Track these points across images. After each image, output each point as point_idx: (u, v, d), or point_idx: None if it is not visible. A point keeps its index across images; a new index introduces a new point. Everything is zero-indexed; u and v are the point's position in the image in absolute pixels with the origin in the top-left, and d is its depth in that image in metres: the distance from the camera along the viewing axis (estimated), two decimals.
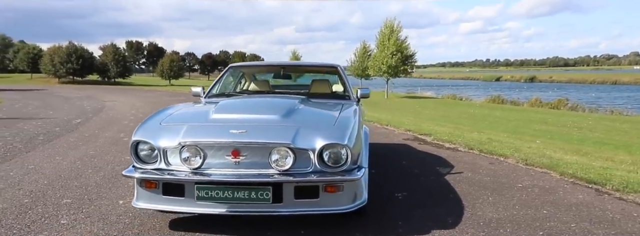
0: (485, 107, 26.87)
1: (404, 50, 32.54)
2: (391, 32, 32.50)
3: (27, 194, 3.73)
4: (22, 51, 47.33)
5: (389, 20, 32.99)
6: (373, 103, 24.05)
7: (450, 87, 61.95)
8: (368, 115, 10.92)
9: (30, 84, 36.14)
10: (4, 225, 2.99)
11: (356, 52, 42.77)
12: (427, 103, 28.37)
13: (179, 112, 3.27)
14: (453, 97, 37.92)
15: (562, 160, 5.21)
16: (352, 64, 42.74)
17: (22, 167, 4.80)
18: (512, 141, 7.07)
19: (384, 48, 32.27)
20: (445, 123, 11.17)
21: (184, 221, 3.06)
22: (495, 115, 20.21)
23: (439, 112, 20.52)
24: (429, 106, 26.13)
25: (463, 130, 8.52)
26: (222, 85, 4.52)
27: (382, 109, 18.95)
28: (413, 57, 34.09)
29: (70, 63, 39.37)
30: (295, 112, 3.15)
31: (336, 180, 2.71)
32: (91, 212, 3.26)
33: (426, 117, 16.30)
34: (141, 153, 2.82)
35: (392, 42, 32.09)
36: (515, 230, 2.94)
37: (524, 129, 12.87)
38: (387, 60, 31.62)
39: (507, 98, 34.15)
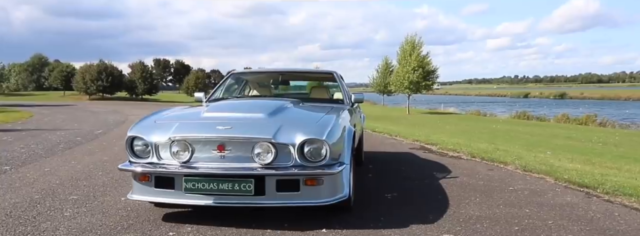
0: (509, 123, 26.46)
1: (425, 65, 32.55)
2: (412, 48, 32.60)
3: (39, 191, 4.00)
4: (57, 70, 49.44)
5: (410, 36, 33.17)
6: (394, 119, 24.06)
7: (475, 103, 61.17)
8: (380, 127, 11.03)
9: (62, 100, 37.62)
10: (12, 216, 3.24)
11: (378, 68, 43.06)
12: (449, 118, 28.15)
13: (175, 113, 3.50)
14: (477, 113, 37.47)
15: (562, 167, 5.21)
16: (374, 80, 42.97)
17: (39, 169, 5.11)
18: (520, 151, 7.06)
19: (405, 64, 32.34)
20: (460, 136, 11.14)
21: (177, 215, 3.25)
22: (518, 130, 19.90)
23: (459, 127, 20.34)
24: (451, 121, 25.90)
25: (473, 141, 8.52)
26: (225, 92, 4.76)
27: (399, 123, 18.95)
28: (435, 73, 34.01)
29: (100, 80, 40.86)
30: (282, 112, 3.34)
31: (315, 174, 2.86)
32: (93, 207, 3.49)
33: (443, 131, 16.22)
34: (136, 148, 3.04)
35: (414, 57, 32.15)
36: (491, 225, 3.02)
37: (545, 143, 12.67)
38: (408, 75, 31.65)
39: (534, 115, 33.48)
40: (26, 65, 67.77)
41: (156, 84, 50.13)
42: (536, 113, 34.48)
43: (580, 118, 28.58)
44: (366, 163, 5.57)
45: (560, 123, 27.89)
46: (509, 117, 32.95)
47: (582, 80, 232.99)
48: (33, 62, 67.31)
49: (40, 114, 17.11)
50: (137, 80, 44.65)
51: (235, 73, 4.96)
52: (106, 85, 41.40)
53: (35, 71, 65.32)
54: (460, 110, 40.84)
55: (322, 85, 4.89)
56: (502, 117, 33.50)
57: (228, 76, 4.90)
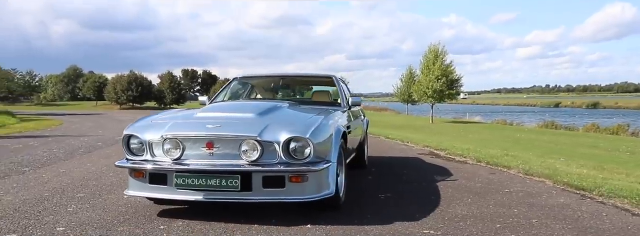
0: (535, 132, 25.84)
1: (449, 74, 32.26)
2: (436, 56, 32.38)
3: (50, 190, 4.23)
4: (90, 80, 51.28)
5: (434, 45, 32.98)
6: (416, 128, 23.88)
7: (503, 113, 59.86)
8: (394, 134, 11.03)
9: (94, 110, 38.93)
10: (19, 211, 3.45)
11: (403, 77, 42.86)
12: (472, 128, 27.73)
13: (172, 114, 3.67)
14: (503, 122, 36.73)
15: (566, 172, 5.15)
16: (398, 90, 42.77)
17: (56, 171, 5.38)
18: (531, 158, 6.98)
19: (428, 73, 32.13)
20: (478, 144, 11.03)
21: (171, 211, 3.40)
22: (543, 139, 19.45)
23: (481, 136, 20.05)
24: (474, 130, 25.50)
25: (486, 148, 8.45)
26: (230, 96, 4.93)
27: (421, 132, 18.82)
28: (459, 82, 33.64)
29: (131, 91, 42.14)
30: (273, 112, 3.46)
31: (300, 171, 2.97)
32: (97, 204, 3.68)
33: (464, 139, 16.03)
34: (132, 146, 3.22)
35: (438, 66, 31.89)
36: (474, 223, 3.05)
37: (566, 152, 12.39)
38: (432, 85, 31.41)
39: (563, 124, 32.57)
40: (62, 76, 70.53)
41: (184, 94, 51.30)
42: (565, 123, 33.54)
43: (611, 128, 27.63)
44: (370, 167, 5.63)
45: (589, 133, 27.06)
46: (536, 127, 32.17)
47: (617, 89, 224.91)
48: (69, 74, 70.02)
49: (70, 122, 17.80)
50: (165, 90, 45.83)
51: (239, 78, 5.14)
52: (136, 95, 42.64)
53: (70, 82, 67.92)
54: (486, 120, 40.11)
55: (326, 89, 5.00)
56: (529, 127, 32.74)
57: (232, 81, 5.07)
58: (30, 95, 64.33)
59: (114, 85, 42.96)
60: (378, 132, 11.42)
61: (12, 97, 61.00)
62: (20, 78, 60.73)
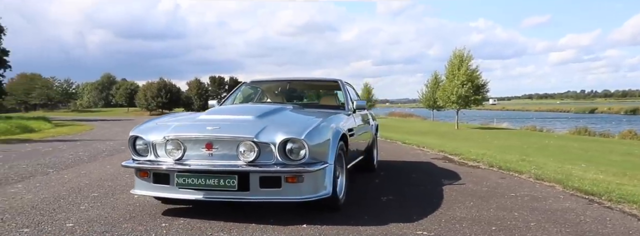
0: (565, 138, 25.12)
1: (475, 79, 31.78)
2: (461, 61, 31.99)
3: (67, 189, 4.43)
4: (122, 87, 52.93)
5: (459, 50, 32.60)
6: (440, 134, 23.63)
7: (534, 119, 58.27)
8: (411, 139, 10.98)
9: (124, 116, 40.09)
10: (36, 208, 3.64)
11: (428, 83, 42.47)
12: (499, 134, 27.19)
13: (177, 116, 3.81)
14: (532, 128, 35.82)
15: (579, 177, 5.05)
16: (423, 95, 42.38)
17: (77, 172, 5.62)
18: (549, 163, 6.84)
19: (453, 78, 31.75)
20: (501, 150, 10.84)
21: (175, 210, 3.52)
22: (572, 145, 18.91)
23: (507, 142, 19.65)
24: (500, 136, 25.01)
25: (504, 154, 8.32)
26: (239, 99, 5.05)
27: (444, 138, 18.62)
28: (485, 87, 33.10)
29: (160, 97, 43.27)
30: (273, 115, 3.55)
31: (295, 171, 3.04)
32: (107, 202, 3.84)
33: (488, 145, 15.77)
34: (137, 147, 3.36)
35: (462, 71, 31.49)
36: (469, 225, 3.05)
37: (595, 159, 12.04)
38: (456, 90, 31.01)
39: (596, 131, 31.43)
40: (97, 84, 73.08)
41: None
42: (600, 130, 32.38)
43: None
44: (380, 170, 5.65)
45: (625, 139, 26.09)
46: (567, 133, 31.24)
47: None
48: (102, 81, 72.49)
49: (100, 127, 18.42)
50: (193, 96, 46.83)
51: (247, 83, 5.26)
52: (165, 101, 43.74)
53: (104, 89, 70.28)
54: (515, 126, 39.19)
55: (332, 92, 5.07)
56: (560, 133, 31.81)
57: (241, 85, 5.20)
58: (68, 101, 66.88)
59: (144, 91, 44.20)
60: (396, 137, 11.39)
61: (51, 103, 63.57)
62: (58, 85, 63.26)
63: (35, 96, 59.59)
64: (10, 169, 5.89)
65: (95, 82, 72.95)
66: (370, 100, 50.00)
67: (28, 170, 5.82)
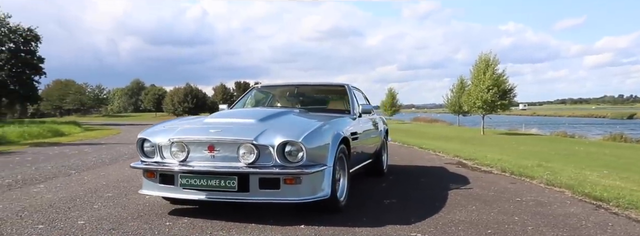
0: (597, 145, 24.31)
1: (501, 84, 31.23)
2: (487, 66, 31.49)
3: (85, 189, 4.64)
4: (150, 93, 54.31)
5: (485, 54, 32.13)
6: (464, 139, 23.27)
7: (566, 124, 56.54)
8: (428, 144, 10.90)
9: (152, 120, 41.01)
10: (52, 206, 3.83)
11: (453, 88, 41.97)
12: (527, 140, 26.56)
13: (185, 120, 3.95)
14: (563, 134, 34.80)
15: (593, 182, 4.95)
16: (448, 100, 41.89)
17: (96, 174, 5.85)
18: (567, 169, 6.70)
19: (478, 83, 31.27)
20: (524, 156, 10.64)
21: (181, 210, 3.65)
22: (603, 152, 18.31)
23: (534, 148, 19.20)
24: (528, 142, 24.41)
25: (523, 159, 8.19)
26: (250, 104, 5.17)
27: (467, 143, 18.35)
28: (512, 92, 32.47)
29: (186, 102, 44.22)
30: (275, 118, 3.64)
31: (293, 173, 3.12)
32: (119, 202, 4.01)
33: (512, 151, 15.48)
34: (145, 149, 3.51)
35: (488, 76, 30.98)
36: (465, 228, 3.06)
37: (627, 166, 11.65)
38: (481, 95, 30.53)
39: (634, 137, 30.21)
40: (126, 89, 75.15)
41: None
42: (638, 136, 31.17)
43: None
44: (389, 174, 5.68)
45: None
46: (600, 139, 30.23)
47: None
48: (132, 87, 74.50)
49: (127, 131, 18.95)
50: (219, 101, 47.61)
51: (256, 88, 5.38)
52: (191, 106, 44.64)
53: (133, 95, 72.20)
54: (544, 132, 38.21)
55: (340, 97, 5.12)
56: (593, 139, 30.80)
57: (250, 90, 5.33)
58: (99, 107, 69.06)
59: (172, 97, 45.24)
60: (414, 142, 11.34)
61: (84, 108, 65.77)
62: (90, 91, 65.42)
63: (69, 101, 61.79)
64: (36, 170, 6.18)
65: (125, 87, 75.11)
66: (394, 105, 49.77)
67: (52, 171, 6.09)
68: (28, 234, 2.99)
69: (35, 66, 29.54)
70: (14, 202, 4.00)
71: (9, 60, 28.05)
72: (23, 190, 4.65)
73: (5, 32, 28.24)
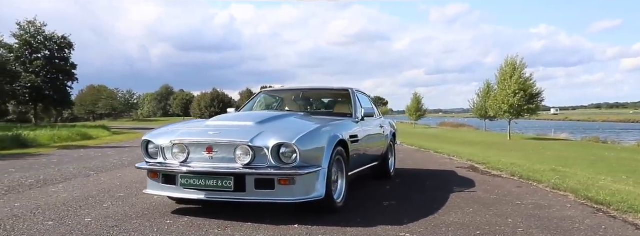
0: (630, 151, 23.38)
1: (528, 88, 30.60)
2: (513, 70, 30.92)
3: (99, 190, 4.85)
4: (178, 98, 55.53)
5: (511, 58, 31.56)
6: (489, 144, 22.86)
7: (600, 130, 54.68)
8: (444, 149, 10.83)
9: None
10: (65, 205, 4.04)
11: (479, 92, 41.32)
12: (554, 145, 25.85)
13: (189, 123, 4.11)
14: (595, 139, 33.71)
15: (602, 187, 4.87)
16: (474, 105, 41.25)
17: (113, 175, 6.09)
18: (581, 173, 6.58)
19: (504, 87, 30.71)
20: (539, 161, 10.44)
21: (183, 209, 3.80)
22: (635, 158, 17.60)
23: (560, 154, 18.65)
24: (555, 148, 23.75)
25: (540, 164, 8.06)
26: (259, 107, 5.32)
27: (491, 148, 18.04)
28: (540, 96, 31.73)
29: (213, 107, 45.04)
30: (273, 121, 3.75)
31: (286, 174, 3.22)
32: (128, 201, 4.19)
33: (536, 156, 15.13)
34: (149, 150, 3.68)
35: (514, 80, 30.40)
36: (456, 229, 3.10)
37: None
38: (508, 99, 29.97)
39: None
40: (156, 94, 77.07)
41: None
42: None
43: None
44: (397, 177, 5.72)
45: None
46: (635, 145, 29.18)
47: None
48: (161, 92, 76.35)
49: None
50: None
51: (263, 92, 5.53)
52: (218, 111, 45.39)
53: (162, 100, 73.98)
54: (574, 137, 37.11)
55: (346, 101, 5.20)
56: (627, 145, 29.76)
57: (258, 94, 5.48)
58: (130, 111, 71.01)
59: (199, 102, 46.18)
60: (431, 147, 11.29)
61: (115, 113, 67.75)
62: (121, 96, 67.38)
63: (102, 106, 63.78)
64: (59, 171, 6.48)
65: (154, 93, 77.10)
66: (419, 109, 49.28)
67: (73, 172, 6.38)
68: (38, 230, 3.18)
69: (69, 72, 30.70)
70: (32, 201, 4.24)
71: (44, 66, 29.23)
72: (42, 189, 4.91)
73: (41, 40, 29.49)
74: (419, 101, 49.26)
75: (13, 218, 3.53)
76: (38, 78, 28.93)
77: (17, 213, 3.70)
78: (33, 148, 11.47)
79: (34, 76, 28.78)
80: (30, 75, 28.71)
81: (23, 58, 28.98)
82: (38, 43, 29.36)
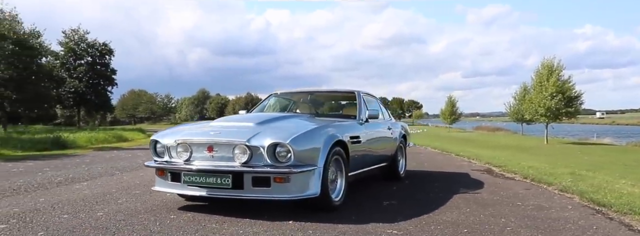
0: None
1: (566, 91, 29.61)
2: (550, 72, 30.04)
3: (118, 187, 5.14)
4: (214, 102, 56.89)
5: (548, 60, 30.67)
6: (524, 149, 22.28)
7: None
8: (468, 152, 10.70)
9: None
10: (84, 200, 4.33)
11: (516, 95, 40.29)
12: (596, 150, 24.89)
13: (195, 124, 4.32)
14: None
15: (612, 190, 4.76)
16: (511, 108, 40.24)
17: (136, 174, 6.41)
18: (596, 176, 6.41)
19: (541, 89, 29.85)
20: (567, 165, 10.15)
21: (188, 206, 4.00)
22: None
23: (599, 158, 17.99)
24: (595, 153, 22.87)
25: (556, 166, 7.87)
26: (272, 109, 5.49)
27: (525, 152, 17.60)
28: (579, 99, 30.66)
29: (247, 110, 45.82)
30: (273, 122, 3.91)
31: (280, 172, 3.37)
32: (141, 198, 4.44)
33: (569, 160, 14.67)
34: (157, 149, 3.90)
35: (552, 82, 29.53)
36: (445, 227, 3.16)
37: None
38: (544, 102, 29.10)
39: None
40: (193, 98, 79.18)
41: None
42: None
43: None
44: (407, 178, 5.76)
45: None
46: None
47: None
48: (198, 96, 78.37)
49: None
50: None
51: (274, 95, 5.70)
52: None
53: (199, 103, 75.91)
54: (619, 142, 35.51)
55: (353, 103, 5.29)
56: None
57: (269, 96, 5.66)
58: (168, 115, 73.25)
59: (233, 105, 47.19)
60: (454, 150, 11.19)
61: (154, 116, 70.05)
62: (160, 100, 69.62)
63: (141, 110, 66.12)
64: (87, 170, 6.87)
65: (191, 97, 79.31)
66: (454, 113, 48.51)
67: (100, 171, 6.75)
68: (53, 222, 3.45)
69: (109, 77, 32.06)
70: (55, 196, 4.55)
71: (87, 72, 30.65)
72: (68, 186, 5.24)
73: (84, 47, 30.96)
74: (453, 104, 48.50)
75: (34, 211, 3.83)
76: (81, 83, 30.35)
77: (39, 207, 4.00)
78: (71, 149, 12.12)
79: (77, 81, 30.21)
80: (74, 80, 30.16)
81: (68, 64, 30.48)
82: (81, 50, 30.80)
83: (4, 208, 3.96)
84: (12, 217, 3.59)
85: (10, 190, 4.98)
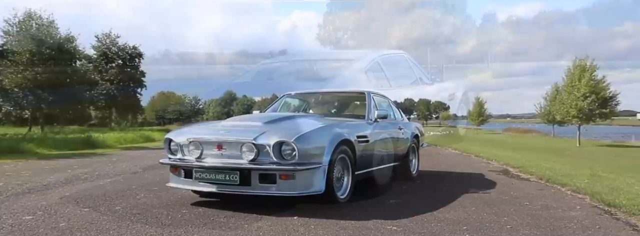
0: None
1: (600, 91, 28.69)
2: (582, 71, 29.15)
3: (139, 184, 5.37)
4: (240, 103, 57.61)
5: (580, 60, 29.79)
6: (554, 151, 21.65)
7: None
8: (488, 153, 10.57)
9: None
10: (105, 195, 4.55)
11: (546, 96, 39.29)
12: (631, 152, 24.00)
13: (208, 123, 4.49)
14: None
15: (628, 191, 4.67)
16: (541, 109, 39.28)
17: (157, 172, 6.64)
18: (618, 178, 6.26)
19: (572, 90, 29.01)
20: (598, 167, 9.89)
21: (202, 202, 4.16)
22: None
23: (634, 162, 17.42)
24: (631, 155, 21.91)
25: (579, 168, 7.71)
26: (286, 109, 5.63)
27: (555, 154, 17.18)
28: (614, 99, 29.65)
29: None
30: (282, 121, 4.04)
31: (285, 170, 3.50)
32: (159, 195, 4.63)
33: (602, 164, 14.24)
34: (171, 147, 4.08)
35: (584, 83, 28.66)
36: (445, 225, 3.21)
37: None
38: (576, 103, 28.27)
39: None
40: (220, 100, 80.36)
41: None
42: None
43: None
44: (420, 177, 5.81)
45: None
46: None
47: None
48: (225, 98, 79.46)
49: None
50: None
51: (287, 95, 5.84)
52: None
53: (226, 105, 77.01)
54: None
55: (362, 103, 5.35)
56: None
57: (281, 97, 5.79)
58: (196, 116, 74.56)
59: (259, 106, 47.64)
60: (474, 151, 11.10)
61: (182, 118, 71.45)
62: (187, 102, 71.01)
63: (170, 112, 67.61)
64: (113, 168, 7.17)
65: (218, 98, 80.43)
66: (482, 114, 47.70)
67: (124, 169, 7.03)
68: (74, 215, 3.66)
69: (138, 80, 33.01)
70: (80, 192, 4.80)
71: (118, 75, 31.67)
72: (93, 183, 5.51)
73: (115, 51, 32.02)
74: (481, 105, 47.70)
75: (59, 204, 4.07)
76: (112, 85, 31.37)
77: (64, 200, 4.25)
78: (100, 149, 12.59)
79: (109, 84, 31.26)
80: (105, 83, 31.21)
81: (100, 67, 31.58)
82: (112, 53, 31.86)
83: (33, 201, 4.22)
84: (39, 209, 3.84)
85: (40, 185, 5.27)
